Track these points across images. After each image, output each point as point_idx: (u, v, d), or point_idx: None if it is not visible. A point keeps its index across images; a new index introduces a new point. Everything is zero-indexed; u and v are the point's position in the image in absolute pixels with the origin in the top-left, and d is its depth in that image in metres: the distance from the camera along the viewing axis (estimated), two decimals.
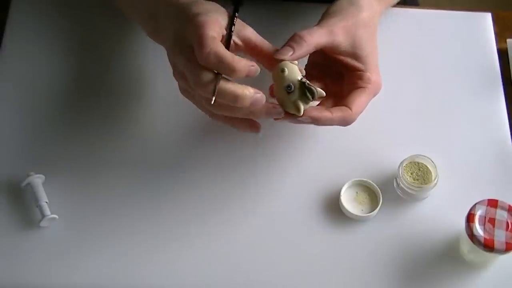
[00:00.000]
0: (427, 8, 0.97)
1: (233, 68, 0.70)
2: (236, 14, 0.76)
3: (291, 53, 0.75)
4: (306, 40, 0.75)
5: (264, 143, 0.85)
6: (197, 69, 0.71)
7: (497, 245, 0.73)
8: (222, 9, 0.76)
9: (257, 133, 0.78)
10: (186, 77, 0.73)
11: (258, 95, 0.72)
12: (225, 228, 0.81)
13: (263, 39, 0.77)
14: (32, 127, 0.87)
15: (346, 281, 0.79)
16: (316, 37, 0.76)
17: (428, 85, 0.91)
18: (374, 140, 0.86)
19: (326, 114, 0.76)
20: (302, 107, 0.74)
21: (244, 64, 0.71)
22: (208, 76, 0.71)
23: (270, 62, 0.76)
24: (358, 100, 0.77)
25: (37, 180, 0.82)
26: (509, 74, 0.92)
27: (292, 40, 0.76)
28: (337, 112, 0.76)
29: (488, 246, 0.74)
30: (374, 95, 0.80)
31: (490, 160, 0.86)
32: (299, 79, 0.74)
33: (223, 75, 0.72)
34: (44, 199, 0.81)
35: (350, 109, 0.76)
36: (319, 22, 0.79)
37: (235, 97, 0.71)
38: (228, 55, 0.71)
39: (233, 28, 0.75)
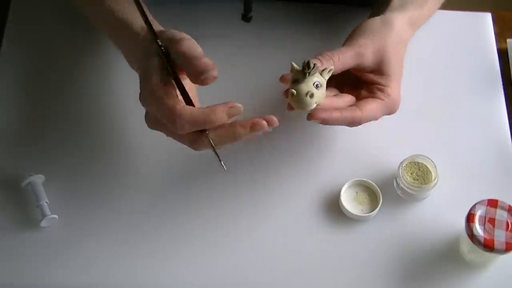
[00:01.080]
0: None
1: (210, 122, 0.68)
2: (159, 41, 0.72)
3: (319, 64, 0.74)
4: (334, 61, 0.75)
5: (264, 143, 0.85)
6: (180, 138, 0.71)
7: (497, 245, 0.73)
8: (147, 50, 0.73)
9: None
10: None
11: (258, 120, 0.70)
12: (224, 227, 0.81)
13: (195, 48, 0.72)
14: (32, 127, 0.87)
15: (346, 281, 0.79)
16: (343, 60, 0.76)
17: (428, 85, 0.91)
18: (374, 140, 0.86)
19: (335, 115, 0.75)
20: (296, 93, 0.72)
21: (220, 112, 0.68)
22: (194, 137, 0.70)
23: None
24: (371, 106, 0.77)
25: (37, 180, 0.82)
26: (509, 74, 0.92)
27: (321, 55, 0.75)
28: (347, 113, 0.75)
29: (488, 246, 0.74)
30: (389, 112, 0.79)
31: (490, 160, 0.86)
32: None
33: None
34: (44, 199, 0.81)
35: (361, 111, 0.76)
36: (349, 39, 0.79)
37: (231, 137, 0.70)
38: (198, 115, 0.68)
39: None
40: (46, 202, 0.81)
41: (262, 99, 0.88)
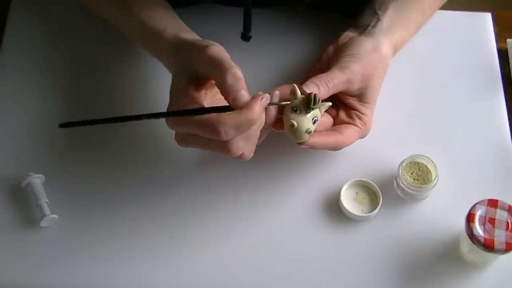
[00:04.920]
0: None
1: (253, 120, 0.69)
2: None
3: (316, 91, 0.75)
4: (329, 87, 0.76)
5: (264, 143, 0.85)
6: (217, 147, 0.71)
7: (497, 245, 0.73)
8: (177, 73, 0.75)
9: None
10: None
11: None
12: (224, 228, 0.81)
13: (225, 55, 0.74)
14: (32, 127, 0.87)
15: (346, 281, 0.79)
16: (336, 86, 0.76)
17: (428, 85, 0.91)
18: (374, 140, 0.86)
19: (322, 140, 0.76)
20: (295, 123, 0.73)
21: (258, 107, 0.70)
22: (240, 143, 0.71)
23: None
24: (350, 133, 0.79)
25: (37, 180, 0.82)
26: (509, 74, 0.92)
27: (318, 80, 0.76)
28: (331, 138, 0.77)
29: (488, 246, 0.74)
30: (361, 138, 0.81)
31: (490, 160, 0.86)
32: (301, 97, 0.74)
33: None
34: (44, 199, 0.81)
35: (342, 136, 0.78)
36: (340, 61, 0.79)
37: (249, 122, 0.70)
38: (238, 117, 0.69)
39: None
40: (46, 202, 0.81)
41: None
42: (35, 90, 0.90)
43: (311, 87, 0.74)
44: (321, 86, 0.75)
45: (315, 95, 0.72)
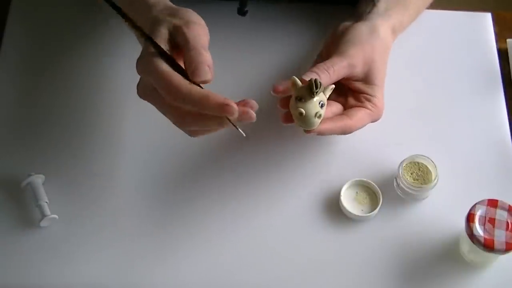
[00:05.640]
0: (427, 8, 0.97)
1: (206, 108, 0.66)
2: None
3: (316, 77, 0.75)
4: (330, 74, 0.76)
5: (264, 143, 0.85)
6: (168, 110, 0.70)
7: (497, 245, 0.73)
8: (157, 27, 0.73)
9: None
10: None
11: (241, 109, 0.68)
12: (224, 228, 0.81)
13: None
14: (32, 127, 0.87)
15: (346, 281, 0.79)
16: (337, 72, 0.76)
17: (428, 85, 0.91)
18: (374, 140, 0.86)
19: (329, 125, 0.76)
20: (303, 110, 0.73)
21: (216, 101, 0.66)
22: (188, 119, 0.69)
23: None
24: (360, 116, 0.78)
25: (37, 180, 0.82)
26: (509, 74, 0.92)
27: (317, 68, 0.75)
28: (339, 122, 0.77)
29: (488, 246, 0.74)
30: (374, 120, 0.81)
31: (490, 160, 0.86)
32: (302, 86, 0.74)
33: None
34: (44, 199, 0.81)
35: (351, 120, 0.77)
36: (338, 47, 0.79)
37: (221, 123, 0.69)
38: (196, 94, 0.66)
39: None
40: (46, 202, 0.81)
41: (255, 97, 0.88)
42: (35, 90, 0.90)
43: (311, 75, 0.74)
44: (321, 73, 0.75)
45: (315, 79, 0.73)
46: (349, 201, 0.82)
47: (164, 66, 0.69)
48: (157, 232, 0.81)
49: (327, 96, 0.75)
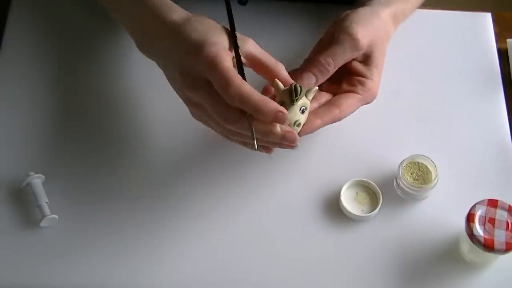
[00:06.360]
0: (427, 8, 0.97)
1: (260, 111, 0.68)
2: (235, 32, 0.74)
3: (314, 81, 0.75)
4: (329, 70, 0.76)
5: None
6: (222, 107, 0.69)
7: (497, 245, 0.73)
8: (217, 25, 0.74)
9: (269, 154, 0.76)
10: (204, 108, 0.71)
11: (290, 134, 0.71)
12: (224, 228, 0.81)
13: (263, 51, 0.75)
14: (32, 127, 0.87)
15: (346, 281, 0.79)
16: (338, 63, 0.76)
17: (428, 85, 0.91)
18: (374, 140, 0.86)
19: (317, 124, 0.75)
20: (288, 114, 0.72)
21: (272, 107, 0.68)
22: (235, 114, 0.69)
23: (273, 76, 0.75)
24: (349, 103, 0.78)
25: (37, 180, 0.82)
26: (509, 74, 0.92)
27: (314, 67, 0.75)
28: (326, 116, 0.76)
29: (488, 246, 0.74)
30: (366, 104, 0.80)
31: (490, 160, 0.86)
32: (285, 89, 0.73)
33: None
34: (44, 199, 0.81)
35: (338, 109, 0.77)
36: (339, 28, 0.78)
37: (266, 134, 0.70)
38: (255, 96, 0.68)
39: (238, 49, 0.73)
40: (46, 202, 0.81)
41: None
42: (35, 90, 0.90)
43: (308, 77, 0.74)
44: (319, 74, 0.75)
45: (295, 86, 0.72)
46: (349, 201, 0.82)
47: (229, 63, 0.69)
48: (157, 232, 0.81)
49: (310, 98, 0.74)
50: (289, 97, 0.72)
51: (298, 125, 0.73)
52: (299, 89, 0.72)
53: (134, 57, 0.92)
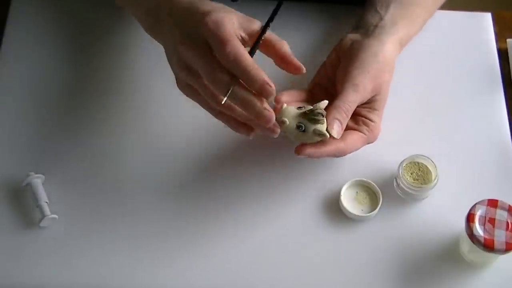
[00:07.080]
0: None
1: (249, 75, 0.69)
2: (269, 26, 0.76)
3: (339, 126, 0.76)
4: (348, 116, 0.77)
5: (264, 143, 0.85)
6: (214, 66, 0.70)
7: (497, 245, 0.73)
8: (230, 9, 0.75)
9: (248, 136, 0.76)
10: (194, 72, 0.72)
11: (267, 112, 0.71)
12: (224, 228, 0.81)
13: (272, 33, 0.76)
14: (32, 127, 0.87)
15: (346, 281, 0.79)
16: (353, 108, 0.77)
17: (428, 85, 0.91)
18: None
19: (320, 150, 0.76)
20: (325, 130, 0.75)
21: (261, 77, 0.69)
22: (225, 76, 0.70)
23: (275, 52, 0.76)
24: (354, 139, 0.79)
25: (37, 180, 0.82)
26: (509, 74, 0.92)
27: (338, 112, 0.76)
28: (331, 147, 0.77)
29: (488, 246, 0.74)
30: (369, 143, 0.81)
31: (490, 160, 0.86)
32: (301, 112, 0.75)
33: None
34: (44, 199, 0.81)
35: (344, 143, 0.78)
36: (346, 73, 0.79)
37: (246, 103, 0.70)
38: (249, 60, 0.69)
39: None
40: (46, 202, 0.81)
41: None
42: (35, 90, 0.90)
43: (334, 125, 0.75)
44: (343, 120, 0.76)
45: (317, 111, 0.74)
46: (349, 201, 0.82)
47: (232, 29, 0.71)
48: (157, 232, 0.81)
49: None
50: (312, 120, 0.74)
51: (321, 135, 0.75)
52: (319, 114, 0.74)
53: (134, 57, 0.92)
